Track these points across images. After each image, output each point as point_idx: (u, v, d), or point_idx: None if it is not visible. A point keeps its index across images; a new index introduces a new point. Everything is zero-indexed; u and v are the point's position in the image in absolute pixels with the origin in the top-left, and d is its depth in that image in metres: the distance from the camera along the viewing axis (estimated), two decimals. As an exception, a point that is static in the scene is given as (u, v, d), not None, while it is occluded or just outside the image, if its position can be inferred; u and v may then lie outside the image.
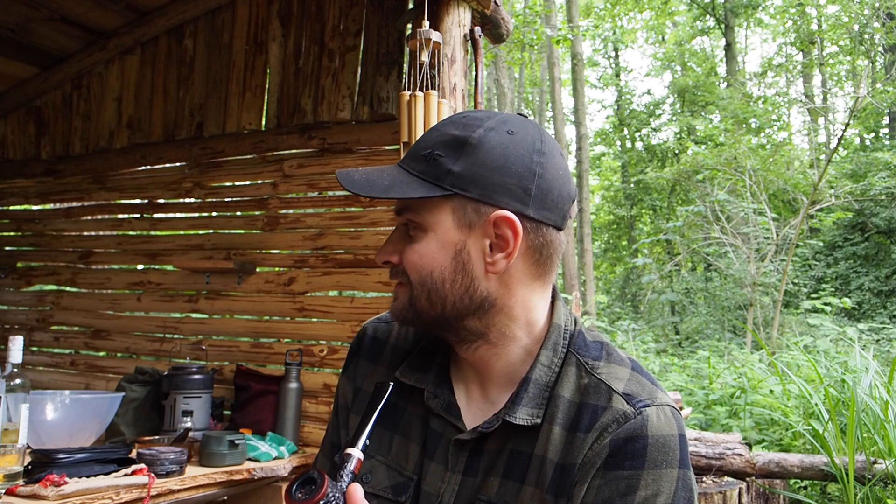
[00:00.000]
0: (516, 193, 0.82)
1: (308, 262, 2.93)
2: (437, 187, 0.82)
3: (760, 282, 9.48)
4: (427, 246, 0.84)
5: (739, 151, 10.09)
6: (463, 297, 0.84)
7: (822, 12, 15.53)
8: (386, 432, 0.93)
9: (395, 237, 0.88)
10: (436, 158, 0.83)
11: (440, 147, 0.83)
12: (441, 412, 0.90)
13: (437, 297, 0.84)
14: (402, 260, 0.86)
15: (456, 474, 0.86)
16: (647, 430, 0.78)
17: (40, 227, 3.82)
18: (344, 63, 2.91)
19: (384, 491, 0.89)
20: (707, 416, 4.91)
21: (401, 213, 0.86)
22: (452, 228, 0.83)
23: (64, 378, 3.48)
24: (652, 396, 0.81)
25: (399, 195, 0.82)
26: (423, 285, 0.85)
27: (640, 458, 0.77)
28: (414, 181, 0.83)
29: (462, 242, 0.83)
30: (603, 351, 0.88)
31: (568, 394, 0.84)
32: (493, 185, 0.81)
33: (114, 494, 1.81)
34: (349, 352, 1.05)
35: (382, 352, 1.00)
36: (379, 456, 0.92)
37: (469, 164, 0.81)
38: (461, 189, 0.81)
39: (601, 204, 20.45)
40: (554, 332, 0.88)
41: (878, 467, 3.20)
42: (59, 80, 3.72)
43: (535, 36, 10.91)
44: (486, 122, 0.84)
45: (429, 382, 0.92)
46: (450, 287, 0.84)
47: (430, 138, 0.86)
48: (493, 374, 0.89)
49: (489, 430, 0.84)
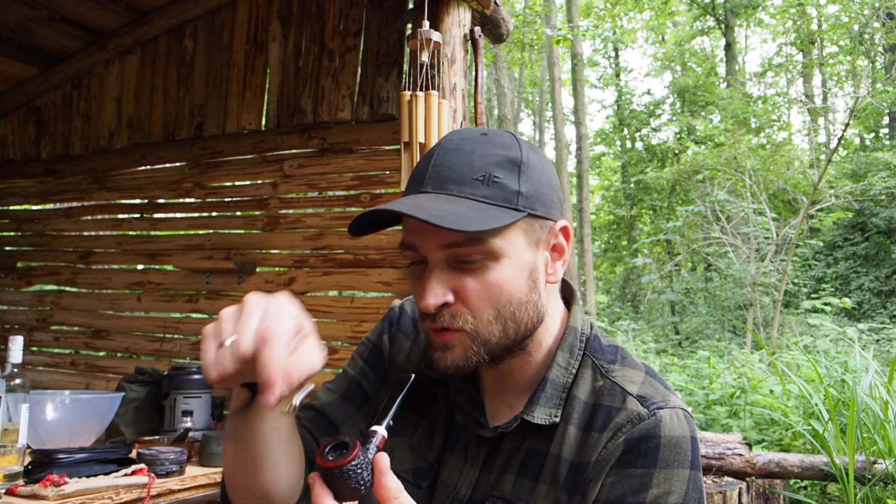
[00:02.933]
0: (558, 205, 0.86)
1: (308, 262, 2.93)
2: (513, 210, 0.79)
3: (760, 282, 9.47)
4: (503, 273, 0.80)
5: (739, 151, 10.09)
6: (532, 317, 0.84)
7: (822, 12, 15.53)
8: (413, 415, 0.94)
9: (441, 276, 0.80)
10: (495, 181, 0.79)
11: (495, 169, 0.80)
12: (465, 407, 0.91)
13: (512, 325, 0.82)
14: (465, 298, 0.80)
15: (474, 468, 0.88)
16: (660, 430, 0.79)
17: (40, 227, 3.82)
18: (344, 63, 2.91)
19: (406, 473, 0.90)
20: (707, 416, 4.91)
21: (462, 245, 0.78)
22: (526, 249, 0.82)
23: (64, 378, 3.48)
24: (665, 399, 0.83)
25: (495, 225, 0.76)
26: (499, 318, 0.81)
27: (652, 456, 0.79)
28: (490, 208, 0.78)
29: (534, 261, 0.83)
30: (618, 355, 0.90)
31: (584, 395, 0.85)
32: (551, 201, 0.84)
33: (114, 494, 1.81)
34: (384, 321, 1.04)
35: (419, 335, 1.01)
36: (404, 436, 0.93)
37: (530, 182, 0.82)
38: (531, 208, 0.81)
39: (601, 204, 20.45)
40: (570, 334, 0.89)
41: (878, 467, 3.20)
42: (59, 80, 3.72)
43: (535, 36, 10.91)
44: (508, 139, 0.85)
45: (454, 377, 0.91)
46: (524, 310, 0.82)
47: (473, 161, 0.80)
48: (517, 381, 0.91)
49: (508, 430, 0.86)
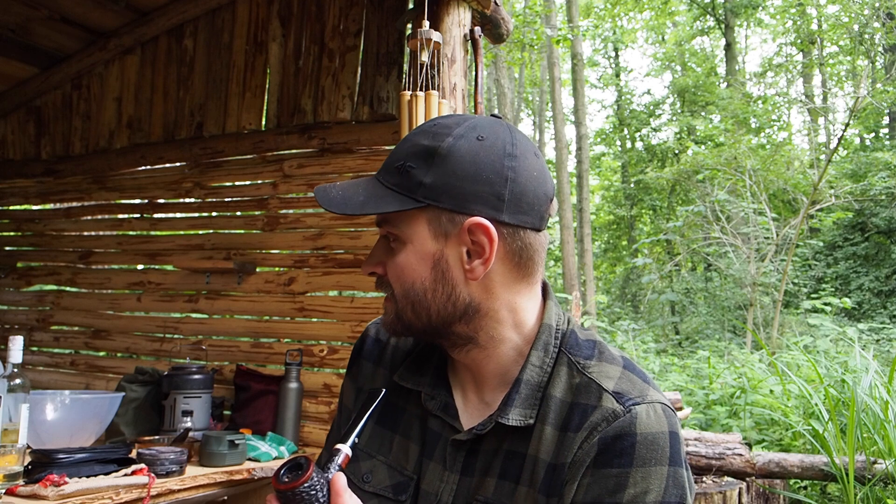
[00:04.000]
0: (489, 200, 0.82)
1: (308, 262, 2.93)
2: (411, 200, 0.82)
3: (760, 282, 9.47)
4: (407, 258, 0.85)
5: (739, 151, 10.09)
6: (446, 305, 0.85)
7: (822, 12, 15.52)
8: (387, 432, 0.94)
9: (379, 249, 0.90)
10: (408, 170, 0.83)
11: (411, 158, 0.84)
12: (438, 413, 0.90)
13: (422, 308, 0.86)
14: (386, 271, 0.88)
15: (454, 474, 0.87)
16: (635, 427, 0.78)
17: (40, 227, 3.82)
18: (344, 63, 2.90)
19: (385, 490, 0.89)
20: (707, 416, 4.91)
21: (381, 226, 0.88)
22: (429, 239, 0.84)
23: (64, 378, 3.48)
24: (643, 394, 0.81)
25: (373, 211, 0.83)
26: (407, 297, 0.86)
27: (628, 455, 0.77)
28: (389, 194, 0.84)
29: (440, 252, 0.84)
30: (595, 350, 0.88)
31: (560, 394, 0.84)
32: (465, 194, 0.82)
33: (114, 494, 1.81)
34: (352, 353, 1.05)
35: (384, 353, 1.01)
36: (380, 456, 0.92)
37: (440, 174, 0.82)
38: (434, 200, 0.82)
39: (601, 204, 20.45)
40: (544, 332, 0.88)
41: (878, 467, 3.20)
42: (59, 80, 3.72)
43: (535, 36, 10.91)
44: (455, 129, 0.84)
45: (426, 384, 0.93)
46: (432, 297, 0.85)
47: (402, 149, 0.86)
48: (487, 375, 0.90)
49: (483, 432, 0.85)
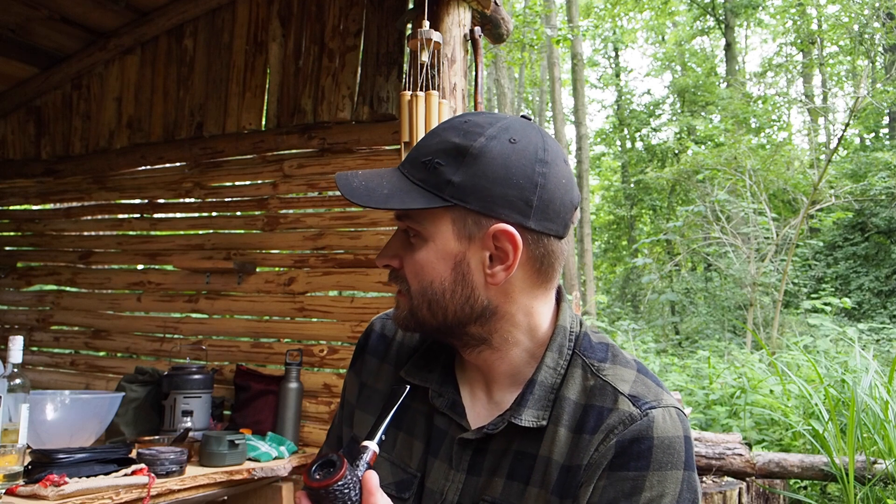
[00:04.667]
0: (517, 205, 0.80)
1: (308, 262, 2.93)
2: (437, 198, 0.80)
3: (760, 282, 9.47)
4: (427, 255, 0.83)
5: (739, 151, 10.09)
6: (464, 307, 0.84)
7: (822, 12, 15.52)
8: (391, 429, 0.93)
9: (396, 241, 0.87)
10: (436, 167, 0.81)
11: (441, 155, 0.82)
12: (445, 410, 0.89)
13: (438, 307, 0.84)
14: (403, 266, 0.86)
15: (460, 473, 0.86)
16: (652, 431, 0.78)
17: (40, 227, 3.82)
18: (344, 63, 2.90)
19: (388, 487, 0.89)
20: (707, 416, 4.91)
21: (401, 219, 0.85)
22: (452, 239, 0.82)
23: (64, 378, 3.48)
24: (658, 398, 0.81)
25: (398, 206, 0.81)
26: (424, 295, 0.84)
27: (645, 459, 0.77)
28: (414, 190, 0.81)
29: (462, 254, 0.82)
30: (609, 353, 0.87)
31: (574, 395, 0.84)
32: (493, 197, 0.80)
33: (114, 494, 1.81)
34: (357, 347, 1.04)
35: (389, 349, 1.00)
36: (383, 453, 0.92)
37: (470, 174, 0.80)
38: (461, 200, 0.80)
39: (601, 204, 20.44)
40: (559, 334, 0.87)
41: (878, 467, 3.20)
42: (59, 80, 3.72)
43: (535, 36, 10.91)
44: (487, 129, 0.82)
45: (433, 381, 0.92)
46: (450, 297, 0.83)
47: (431, 144, 0.84)
48: (498, 376, 0.89)
49: (495, 432, 0.84)
